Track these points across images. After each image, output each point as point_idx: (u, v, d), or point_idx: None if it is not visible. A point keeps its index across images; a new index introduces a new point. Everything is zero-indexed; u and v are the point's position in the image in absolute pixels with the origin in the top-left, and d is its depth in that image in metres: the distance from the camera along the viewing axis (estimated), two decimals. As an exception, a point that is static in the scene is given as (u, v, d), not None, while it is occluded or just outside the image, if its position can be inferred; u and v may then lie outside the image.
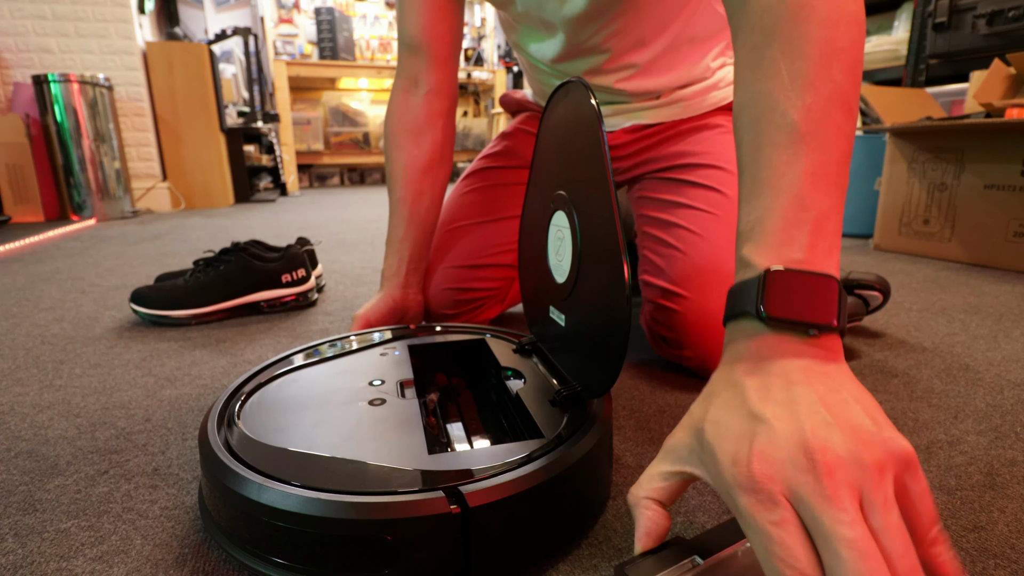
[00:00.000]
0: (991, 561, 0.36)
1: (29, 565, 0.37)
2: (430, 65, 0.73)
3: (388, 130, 0.76)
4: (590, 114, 0.41)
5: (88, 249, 1.62)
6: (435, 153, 0.74)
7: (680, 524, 0.40)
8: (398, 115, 0.75)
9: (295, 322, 0.91)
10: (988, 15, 1.62)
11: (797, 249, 0.30)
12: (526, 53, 0.77)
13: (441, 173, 0.76)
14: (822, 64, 0.32)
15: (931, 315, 0.90)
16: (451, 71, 0.75)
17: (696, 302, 0.61)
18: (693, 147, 0.72)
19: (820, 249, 0.30)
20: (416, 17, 0.71)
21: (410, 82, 0.74)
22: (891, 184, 1.42)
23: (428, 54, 0.72)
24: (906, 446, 0.25)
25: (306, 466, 0.35)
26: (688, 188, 0.69)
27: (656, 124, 0.76)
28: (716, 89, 0.75)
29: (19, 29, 2.31)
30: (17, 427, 0.56)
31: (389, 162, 0.75)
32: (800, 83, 0.32)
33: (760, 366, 0.28)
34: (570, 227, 0.46)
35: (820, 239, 0.30)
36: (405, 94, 0.74)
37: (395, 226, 0.74)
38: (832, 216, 0.31)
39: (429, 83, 0.73)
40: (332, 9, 3.89)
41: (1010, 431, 0.53)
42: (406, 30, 0.72)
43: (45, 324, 0.90)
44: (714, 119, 0.74)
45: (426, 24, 0.71)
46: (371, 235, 1.81)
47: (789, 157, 0.31)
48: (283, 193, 3.45)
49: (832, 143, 0.32)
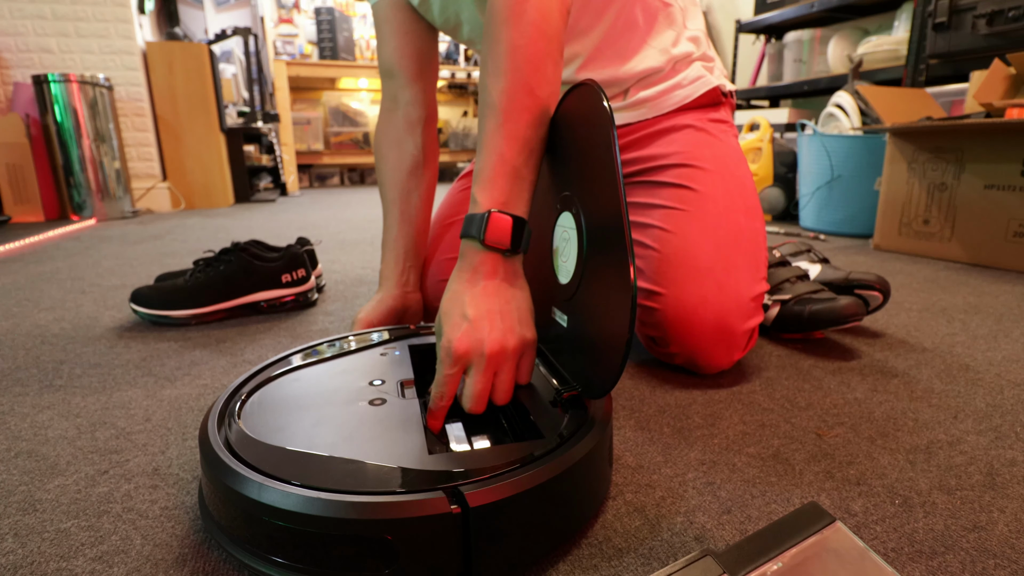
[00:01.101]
0: (991, 561, 0.36)
1: (29, 565, 0.37)
2: (404, 83, 0.79)
3: (375, 146, 0.82)
4: (603, 117, 0.41)
5: (88, 249, 1.62)
6: (417, 156, 0.79)
7: (680, 524, 0.40)
8: (382, 130, 0.81)
9: (295, 322, 0.91)
10: (988, 15, 1.62)
11: (501, 194, 0.46)
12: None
13: (426, 174, 0.81)
14: (509, 58, 0.48)
15: (931, 315, 0.90)
16: (424, 86, 0.80)
17: (673, 297, 0.63)
18: (663, 149, 0.73)
19: (514, 193, 0.47)
20: (388, 45, 0.78)
21: (391, 102, 0.80)
22: (891, 184, 1.42)
23: (401, 74, 0.78)
24: (529, 336, 0.45)
25: (306, 466, 0.35)
26: (660, 189, 0.70)
27: (623, 126, 0.76)
28: (679, 88, 0.74)
29: (19, 29, 2.31)
30: (17, 427, 0.56)
31: (378, 173, 0.81)
32: (497, 73, 0.49)
33: (474, 277, 0.45)
34: (576, 228, 0.46)
35: (514, 185, 0.47)
36: (388, 114, 0.81)
37: (388, 227, 0.78)
38: (523, 168, 0.47)
39: (405, 98, 0.79)
40: (332, 9, 3.88)
41: (1010, 431, 0.53)
42: (382, 59, 0.79)
43: (45, 324, 0.90)
44: (680, 119, 0.74)
45: (396, 49, 0.77)
46: (371, 235, 1.81)
47: (494, 127, 0.48)
48: (283, 193, 3.45)
49: (519, 117, 0.47)
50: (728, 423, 0.55)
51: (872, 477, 0.46)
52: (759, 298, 0.65)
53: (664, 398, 0.61)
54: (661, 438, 0.53)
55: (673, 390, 0.63)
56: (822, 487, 0.45)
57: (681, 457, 0.49)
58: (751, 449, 0.50)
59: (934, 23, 1.75)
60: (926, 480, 0.45)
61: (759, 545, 0.30)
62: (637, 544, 0.38)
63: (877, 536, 0.39)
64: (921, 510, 0.42)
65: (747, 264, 0.64)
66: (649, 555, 0.37)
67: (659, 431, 0.54)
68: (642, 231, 0.69)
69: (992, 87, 1.38)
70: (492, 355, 0.42)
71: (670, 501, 0.43)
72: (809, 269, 0.85)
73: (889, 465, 0.48)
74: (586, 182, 0.44)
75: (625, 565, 0.36)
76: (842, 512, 0.42)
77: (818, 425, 0.55)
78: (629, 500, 0.43)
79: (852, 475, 0.46)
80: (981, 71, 1.54)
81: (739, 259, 0.64)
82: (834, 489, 0.44)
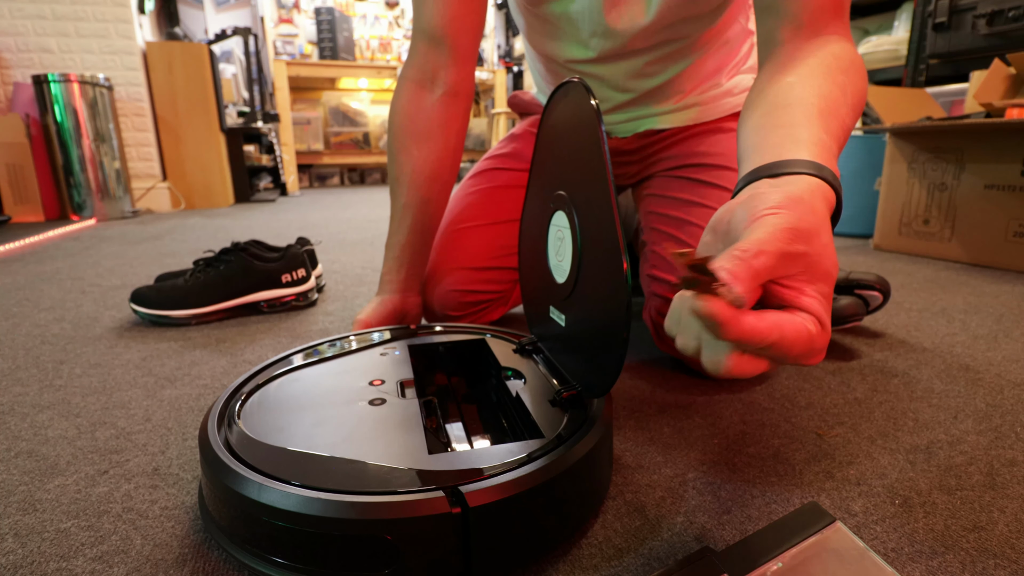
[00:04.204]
0: (991, 561, 0.36)
1: (29, 565, 0.37)
2: (452, 61, 0.67)
3: (396, 129, 0.70)
4: (590, 114, 0.41)
5: (88, 249, 1.62)
6: (446, 159, 0.70)
7: (680, 524, 0.40)
8: (408, 114, 0.69)
9: (295, 322, 0.91)
10: (988, 15, 1.62)
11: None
12: (553, 55, 0.74)
13: (451, 180, 0.72)
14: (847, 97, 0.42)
15: (931, 315, 0.90)
16: (471, 70, 0.70)
17: None
18: (710, 148, 0.72)
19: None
20: (441, 4, 0.64)
21: (426, 77, 0.68)
22: (891, 184, 1.42)
23: (451, 48, 0.66)
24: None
25: (306, 466, 0.35)
26: (703, 188, 0.69)
27: (669, 129, 0.76)
28: (730, 96, 0.75)
29: (19, 29, 2.31)
30: (17, 427, 0.56)
31: (395, 164, 0.70)
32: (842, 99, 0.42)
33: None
34: (570, 227, 0.46)
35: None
36: (419, 90, 0.68)
37: (397, 231, 0.71)
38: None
39: (448, 82, 0.68)
40: (332, 9, 3.89)
41: (1010, 431, 0.53)
42: (428, 18, 0.65)
43: (45, 324, 0.90)
44: (728, 123, 0.74)
45: (453, 15, 0.64)
46: (371, 235, 1.81)
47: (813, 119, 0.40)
48: (283, 193, 3.45)
49: (843, 126, 0.40)
50: (728, 423, 0.55)
51: (872, 477, 0.46)
52: None
53: (664, 398, 0.61)
54: (661, 438, 0.53)
55: (673, 390, 0.63)
56: (822, 487, 0.45)
57: (681, 457, 0.49)
58: (751, 449, 0.50)
59: (934, 23, 1.75)
60: (926, 480, 0.45)
61: (759, 545, 0.30)
62: (637, 544, 0.38)
63: (877, 536, 0.39)
64: (921, 510, 0.42)
65: None
66: (649, 555, 0.37)
67: (659, 431, 0.54)
68: (680, 227, 0.67)
69: (992, 87, 1.38)
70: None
71: (670, 501, 0.43)
72: (809, 269, 0.85)
73: (889, 465, 0.48)
74: (578, 181, 0.44)
75: (625, 565, 0.36)
76: (842, 512, 0.42)
77: (818, 425, 0.55)
78: (629, 500, 0.43)
79: (852, 475, 0.46)
80: (981, 71, 1.54)
81: None
82: (834, 489, 0.44)
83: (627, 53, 0.68)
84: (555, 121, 0.49)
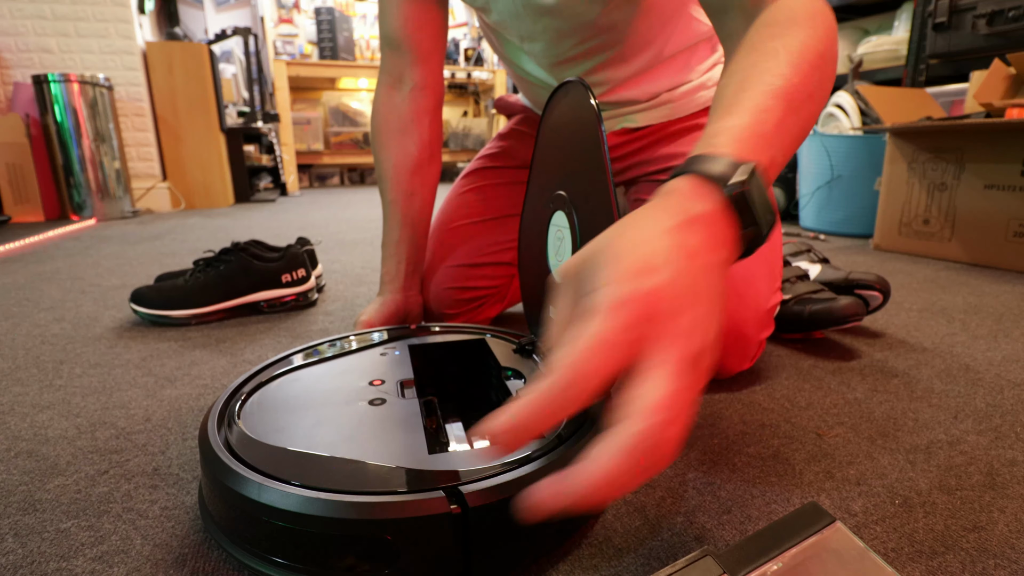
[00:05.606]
0: (991, 561, 0.36)
1: (29, 565, 0.37)
2: (414, 61, 0.71)
3: (374, 129, 0.74)
4: (590, 115, 0.41)
5: (88, 249, 1.62)
6: (423, 151, 0.73)
7: (680, 524, 0.40)
8: (383, 113, 0.73)
9: (295, 322, 0.91)
10: (988, 15, 1.62)
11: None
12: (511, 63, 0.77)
13: (431, 172, 0.75)
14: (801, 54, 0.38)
15: (931, 315, 0.90)
16: (436, 67, 0.73)
17: None
18: (685, 148, 0.72)
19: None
20: (397, 13, 0.69)
21: (394, 79, 0.73)
22: (891, 184, 1.42)
23: (411, 51, 0.71)
24: None
25: (306, 466, 0.35)
26: None
27: (646, 127, 0.76)
28: (704, 89, 0.74)
29: (19, 29, 2.31)
30: (17, 427, 0.56)
31: (377, 163, 0.74)
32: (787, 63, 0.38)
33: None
34: (570, 227, 0.46)
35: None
36: (389, 91, 0.73)
37: (389, 229, 0.74)
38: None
39: (414, 78, 0.72)
40: (332, 9, 3.88)
41: (1010, 431, 0.53)
42: (387, 27, 0.71)
43: (45, 324, 0.90)
44: (704, 119, 0.74)
45: (408, 20, 0.69)
46: (371, 235, 1.81)
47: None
48: (283, 193, 3.45)
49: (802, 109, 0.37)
50: (728, 423, 0.55)
51: (872, 477, 0.46)
52: (773, 309, 0.63)
53: (664, 398, 0.61)
54: (661, 438, 0.53)
55: (673, 390, 0.63)
56: (822, 487, 0.45)
57: (681, 457, 0.49)
58: (751, 449, 0.50)
59: (934, 23, 1.75)
60: (926, 480, 0.45)
61: (759, 545, 0.30)
62: (637, 544, 0.38)
63: (877, 536, 0.39)
64: (921, 510, 0.42)
65: (765, 275, 0.63)
66: (649, 555, 0.37)
67: (659, 431, 0.54)
68: None
69: (992, 87, 1.38)
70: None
71: (670, 501, 0.43)
72: (809, 269, 0.85)
73: (889, 465, 0.48)
74: (577, 180, 0.44)
75: (625, 565, 0.36)
76: (842, 512, 0.42)
77: (818, 425, 0.55)
78: (629, 500, 0.43)
79: (852, 475, 0.46)
80: (981, 71, 1.54)
81: (758, 269, 0.63)
82: (834, 489, 0.44)
83: (552, 38, 0.67)
84: (555, 121, 0.49)
